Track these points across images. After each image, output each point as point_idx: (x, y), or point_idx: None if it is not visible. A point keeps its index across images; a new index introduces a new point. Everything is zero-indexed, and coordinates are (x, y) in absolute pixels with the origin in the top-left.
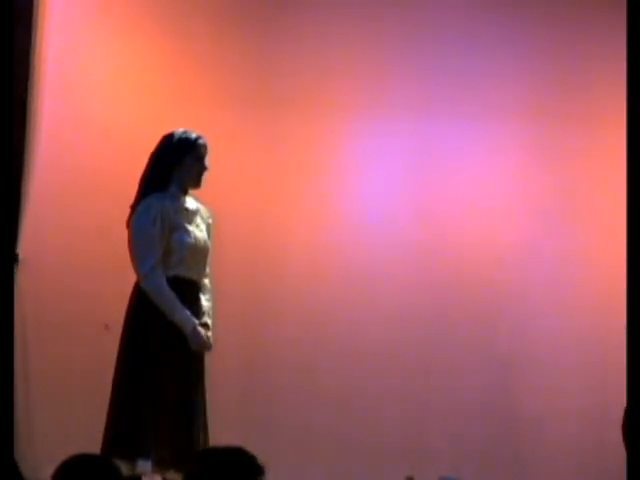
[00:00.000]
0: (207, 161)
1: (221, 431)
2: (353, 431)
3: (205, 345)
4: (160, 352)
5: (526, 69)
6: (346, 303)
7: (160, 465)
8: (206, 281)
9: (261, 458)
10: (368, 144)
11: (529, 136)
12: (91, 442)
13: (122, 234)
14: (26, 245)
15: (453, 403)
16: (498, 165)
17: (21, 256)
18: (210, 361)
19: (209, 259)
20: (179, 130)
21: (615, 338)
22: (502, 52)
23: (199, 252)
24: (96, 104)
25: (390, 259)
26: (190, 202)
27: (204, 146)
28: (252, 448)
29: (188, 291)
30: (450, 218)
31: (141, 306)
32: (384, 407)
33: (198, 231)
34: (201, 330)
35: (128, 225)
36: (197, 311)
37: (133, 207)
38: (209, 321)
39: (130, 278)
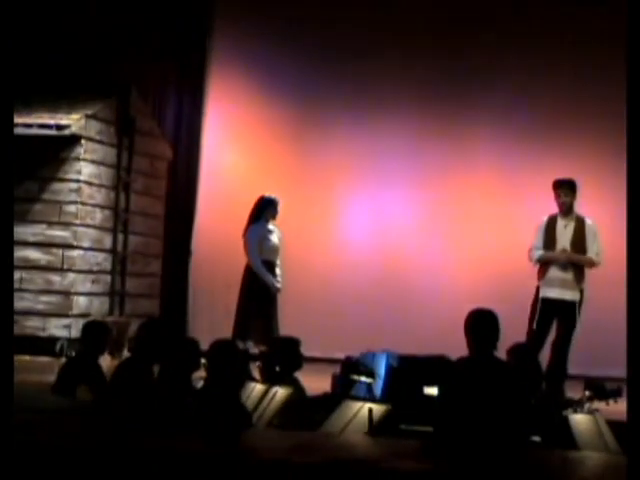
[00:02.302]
0: (279, 208)
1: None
2: None
3: (275, 290)
4: (258, 291)
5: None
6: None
7: (256, 342)
8: (278, 262)
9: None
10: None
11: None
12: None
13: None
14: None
15: None
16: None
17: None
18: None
19: (280, 252)
20: (267, 194)
21: None
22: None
23: (276, 249)
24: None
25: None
26: (271, 226)
27: (278, 202)
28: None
29: (270, 266)
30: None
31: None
32: None
33: (275, 239)
34: (275, 283)
35: (244, 236)
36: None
37: (246, 228)
38: (280, 279)
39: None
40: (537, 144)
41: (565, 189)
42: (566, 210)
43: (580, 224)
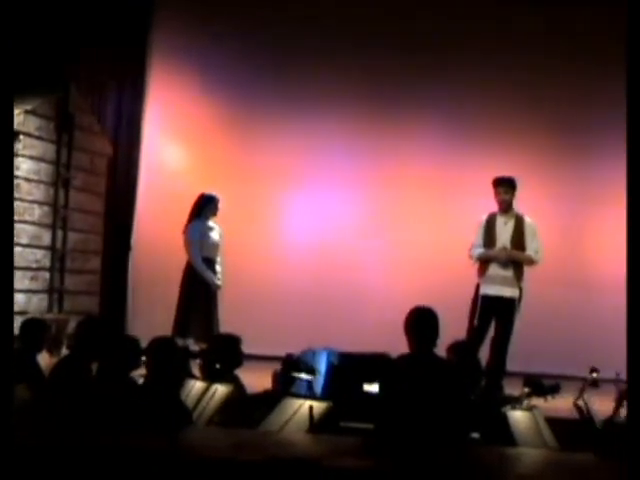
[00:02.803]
0: (219, 205)
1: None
2: None
3: (218, 287)
4: (198, 288)
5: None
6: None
7: (196, 340)
8: (219, 259)
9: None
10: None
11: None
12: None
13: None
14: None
15: None
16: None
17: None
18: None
19: (221, 250)
20: (207, 191)
21: None
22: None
23: (216, 247)
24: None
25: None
26: (211, 223)
27: (218, 199)
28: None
29: (210, 263)
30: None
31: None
32: None
33: (215, 236)
34: (216, 280)
35: (184, 233)
36: (215, 271)
37: (186, 225)
38: (220, 276)
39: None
40: (478, 142)
41: (505, 187)
42: (505, 208)
43: (519, 222)
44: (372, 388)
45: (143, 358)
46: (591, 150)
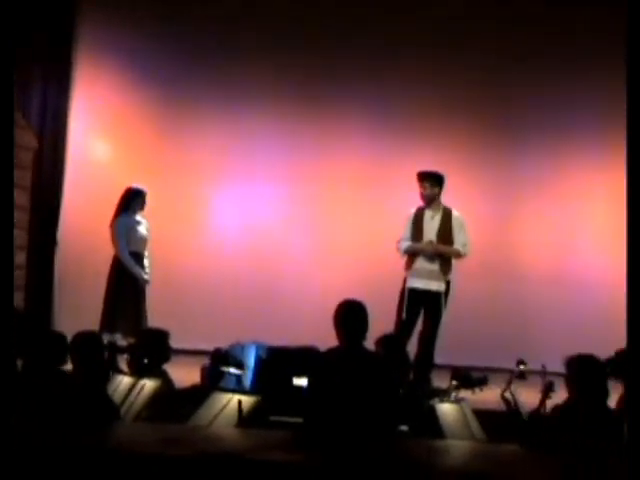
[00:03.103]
0: (147, 199)
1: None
2: None
3: (143, 282)
4: (126, 282)
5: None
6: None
7: (124, 335)
8: (147, 253)
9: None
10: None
11: None
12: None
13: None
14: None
15: None
16: None
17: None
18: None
19: (148, 244)
20: (134, 185)
21: None
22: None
23: (144, 241)
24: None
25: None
26: (139, 217)
27: (146, 193)
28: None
29: (138, 258)
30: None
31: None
32: None
33: (143, 230)
34: (144, 275)
35: (111, 227)
36: (142, 266)
37: (113, 219)
38: (148, 270)
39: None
40: (406, 138)
41: (430, 181)
42: (429, 202)
43: (447, 216)
44: (301, 382)
45: None
46: (516, 148)
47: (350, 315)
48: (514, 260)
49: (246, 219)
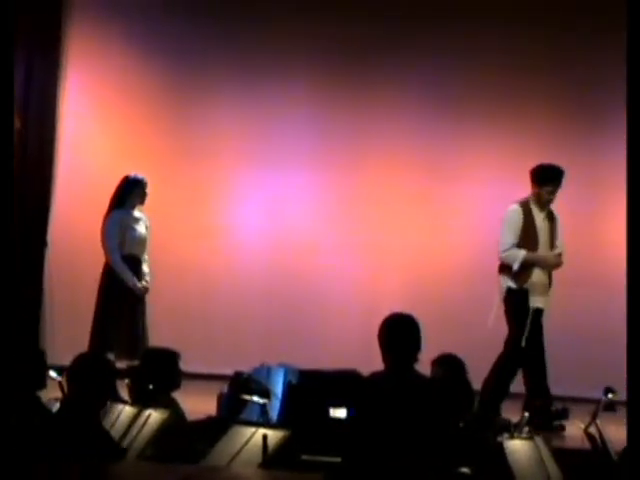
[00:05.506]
0: (147, 190)
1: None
2: None
3: (140, 292)
4: (118, 292)
5: None
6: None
7: (118, 356)
8: (146, 257)
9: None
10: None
11: None
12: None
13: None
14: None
15: None
16: None
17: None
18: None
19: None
20: (133, 174)
21: None
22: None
23: (143, 241)
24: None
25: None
26: (137, 212)
27: (146, 183)
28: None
29: (135, 262)
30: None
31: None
32: None
33: (141, 229)
34: (137, 284)
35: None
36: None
37: (106, 214)
38: (147, 277)
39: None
40: (473, 118)
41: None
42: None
43: (551, 215)
44: (339, 413)
45: (54, 375)
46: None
47: (398, 332)
48: (604, 267)
49: (268, 216)
